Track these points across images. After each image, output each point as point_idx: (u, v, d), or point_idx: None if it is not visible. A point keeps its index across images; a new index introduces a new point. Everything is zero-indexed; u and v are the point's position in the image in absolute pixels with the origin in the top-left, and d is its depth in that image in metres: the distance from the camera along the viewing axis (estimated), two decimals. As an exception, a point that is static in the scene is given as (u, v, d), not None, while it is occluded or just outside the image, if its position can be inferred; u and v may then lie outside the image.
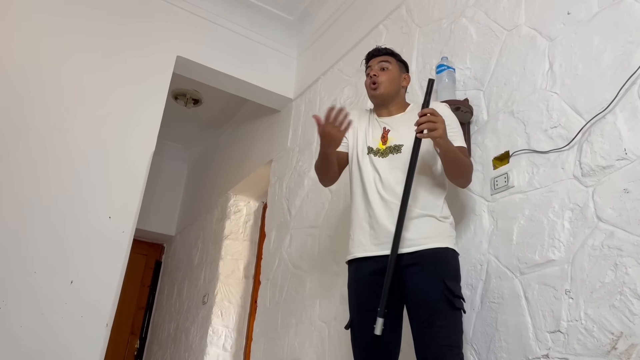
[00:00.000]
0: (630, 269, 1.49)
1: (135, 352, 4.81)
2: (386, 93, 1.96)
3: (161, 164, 4.99)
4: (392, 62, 2.01)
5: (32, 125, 2.76)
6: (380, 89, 1.95)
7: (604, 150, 1.66)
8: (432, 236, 1.73)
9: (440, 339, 1.60)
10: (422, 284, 1.67)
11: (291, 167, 3.48)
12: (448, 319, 1.63)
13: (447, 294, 1.63)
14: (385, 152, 1.87)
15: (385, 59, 2.00)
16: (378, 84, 1.95)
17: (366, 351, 1.75)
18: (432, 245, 1.71)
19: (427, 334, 1.61)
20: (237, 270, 4.05)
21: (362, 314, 1.75)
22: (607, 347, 1.48)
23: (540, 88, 1.94)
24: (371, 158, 1.88)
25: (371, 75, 1.97)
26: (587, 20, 1.86)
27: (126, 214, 2.85)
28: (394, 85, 1.98)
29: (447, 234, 1.77)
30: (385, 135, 1.91)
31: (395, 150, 1.85)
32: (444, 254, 1.71)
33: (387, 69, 1.98)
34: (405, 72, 2.07)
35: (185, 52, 3.34)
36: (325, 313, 2.69)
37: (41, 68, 2.87)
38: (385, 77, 1.96)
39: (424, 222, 1.75)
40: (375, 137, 1.93)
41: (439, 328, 1.60)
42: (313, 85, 3.52)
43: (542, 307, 1.69)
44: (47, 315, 2.52)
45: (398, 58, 2.06)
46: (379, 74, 1.97)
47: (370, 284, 1.75)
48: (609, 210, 1.59)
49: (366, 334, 1.72)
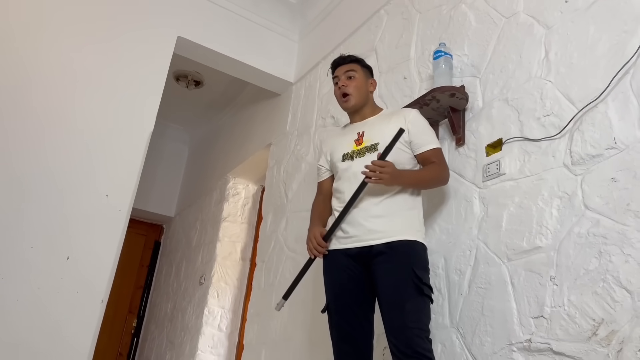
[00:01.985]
0: (614, 257, 1.50)
1: (132, 330, 4.87)
2: (357, 103, 2.06)
3: (162, 146, 5.01)
4: (358, 69, 2.09)
5: (31, 103, 2.77)
6: (351, 100, 2.05)
7: (594, 139, 1.67)
8: (402, 229, 1.83)
9: (410, 321, 1.68)
10: (392, 269, 1.76)
11: (289, 151, 3.49)
12: (417, 304, 1.72)
13: (416, 280, 1.73)
14: (361, 151, 1.96)
15: (351, 68, 2.09)
16: (348, 95, 2.04)
17: (342, 333, 1.85)
18: (402, 237, 1.80)
19: (398, 317, 1.69)
20: (234, 252, 4.09)
21: (338, 297, 1.87)
22: (588, 333, 1.50)
23: (535, 76, 1.94)
24: (348, 163, 1.98)
25: (340, 87, 2.06)
26: (585, 9, 1.85)
27: (123, 193, 2.87)
28: (362, 93, 2.07)
29: (417, 229, 1.87)
30: (360, 138, 2.01)
31: (372, 149, 1.94)
32: (413, 245, 1.81)
33: (354, 77, 2.06)
34: (371, 76, 2.15)
35: (187, 33, 3.34)
36: (317, 295, 2.72)
37: (40, 47, 2.88)
38: (353, 86, 2.05)
39: (396, 213, 1.85)
40: (349, 142, 2.03)
41: (408, 312, 1.70)
42: (313, 70, 3.52)
43: (527, 293, 1.70)
44: (43, 290, 2.55)
45: (362, 64, 2.14)
46: (347, 83, 2.05)
47: (346, 269, 1.86)
48: (596, 199, 1.60)
49: (342, 317, 1.85)
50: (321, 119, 3.24)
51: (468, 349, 1.83)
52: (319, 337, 2.61)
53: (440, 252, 2.06)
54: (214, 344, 3.81)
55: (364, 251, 1.83)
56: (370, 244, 1.82)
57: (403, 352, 1.65)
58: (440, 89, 2.12)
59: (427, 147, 1.93)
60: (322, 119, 3.23)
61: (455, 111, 2.16)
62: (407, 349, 1.65)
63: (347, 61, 2.10)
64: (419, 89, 2.47)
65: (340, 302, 1.86)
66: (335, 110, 3.08)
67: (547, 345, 1.59)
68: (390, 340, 1.70)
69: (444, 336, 1.93)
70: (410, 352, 1.64)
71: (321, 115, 3.26)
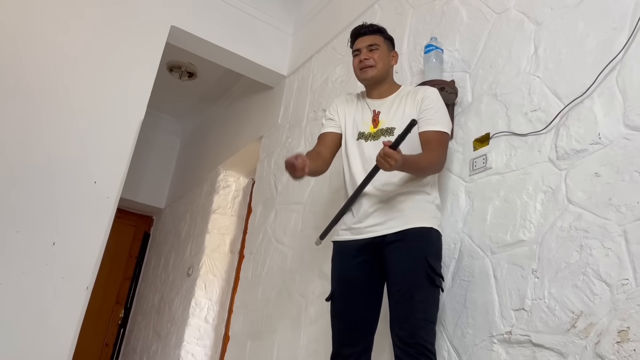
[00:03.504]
0: (595, 251, 1.51)
1: (119, 321, 4.86)
2: (379, 75, 1.93)
3: (154, 138, 5.00)
4: (380, 42, 1.96)
5: (21, 88, 2.75)
6: (372, 71, 1.91)
7: (579, 135, 1.68)
8: (418, 216, 1.75)
9: (417, 312, 1.63)
10: (405, 258, 1.69)
11: (280, 144, 3.49)
12: (427, 295, 1.66)
13: (429, 270, 1.66)
14: (376, 134, 1.87)
15: (374, 41, 1.94)
16: (372, 66, 1.91)
17: (346, 323, 1.78)
18: (417, 224, 1.73)
19: (405, 307, 1.64)
20: (222, 244, 4.08)
21: (345, 287, 1.80)
22: (567, 326, 1.51)
23: (524, 72, 1.95)
24: (361, 144, 1.88)
25: (362, 60, 1.92)
26: (574, 5, 1.86)
27: (112, 180, 2.86)
28: (385, 66, 1.95)
29: (432, 215, 1.79)
30: (377, 118, 1.90)
31: (388, 133, 1.84)
32: (427, 233, 1.74)
33: (377, 49, 1.93)
34: (393, 49, 2.03)
35: (180, 23, 3.33)
36: (303, 287, 2.72)
37: (33, 31, 2.86)
38: (377, 57, 1.92)
39: (410, 200, 1.78)
40: (366, 120, 1.92)
41: (417, 302, 1.63)
42: (307, 63, 3.52)
43: (509, 286, 1.71)
44: (28, 275, 2.54)
45: (385, 35, 2.01)
46: (369, 55, 1.92)
47: (354, 258, 1.80)
48: (579, 193, 1.61)
49: (346, 306, 1.78)
50: (313, 112, 3.25)
51: (449, 341, 1.84)
52: (304, 329, 2.61)
53: (426, 245, 2.06)
54: (200, 336, 3.80)
55: (376, 241, 1.76)
56: (383, 233, 1.75)
57: (405, 342, 1.60)
58: (430, 83, 2.12)
59: (431, 127, 1.80)
60: (313, 112, 3.23)
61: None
62: (410, 339, 1.59)
63: (369, 32, 1.95)
64: (409, 83, 2.47)
65: (345, 291, 1.79)
66: (327, 104, 3.08)
67: (527, 337, 1.59)
68: (394, 329, 1.64)
69: (426, 328, 1.93)
70: (413, 342, 1.59)
71: (313, 108, 3.26)
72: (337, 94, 3.00)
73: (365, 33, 1.97)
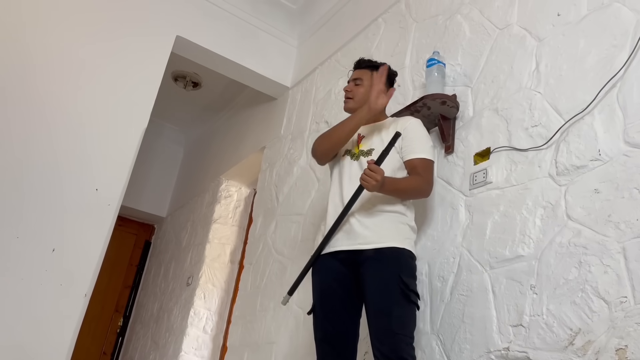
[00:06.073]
0: (593, 267, 1.50)
1: (118, 330, 4.84)
2: (355, 108, 2.03)
3: (158, 146, 5.02)
4: (367, 78, 2.06)
5: (27, 95, 2.77)
6: (350, 103, 2.06)
7: (579, 151, 1.68)
8: (392, 236, 1.82)
9: (396, 327, 1.68)
10: (380, 275, 1.76)
11: (282, 155, 3.50)
12: (403, 311, 1.72)
13: (403, 287, 1.72)
14: (358, 155, 1.98)
15: (360, 76, 2.07)
16: (351, 98, 2.06)
17: (326, 335, 1.84)
18: (391, 244, 1.80)
19: (384, 322, 1.69)
20: (223, 254, 4.07)
21: (325, 299, 1.86)
22: (565, 343, 1.50)
23: (525, 87, 1.96)
24: (348, 160, 1.99)
25: (345, 90, 2.08)
26: (576, 22, 1.87)
27: (113, 188, 2.86)
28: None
29: (405, 236, 1.86)
30: (359, 141, 2.02)
31: (367, 154, 1.95)
32: (400, 253, 1.80)
33: (361, 84, 2.06)
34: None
35: (186, 33, 3.36)
36: (302, 299, 2.71)
37: (38, 39, 2.89)
38: (357, 92, 2.06)
39: (386, 220, 1.84)
40: (353, 140, 2.04)
41: (394, 317, 1.69)
42: (310, 75, 3.54)
43: (507, 301, 1.70)
44: (27, 281, 2.54)
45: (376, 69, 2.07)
46: (353, 89, 2.06)
47: (333, 271, 1.86)
48: (579, 209, 1.61)
49: (328, 319, 1.84)
50: (315, 123, 3.26)
51: (447, 356, 1.82)
52: (301, 341, 2.60)
53: (425, 259, 2.06)
54: (198, 346, 3.78)
55: (352, 255, 1.82)
56: (360, 248, 1.81)
57: (388, 357, 1.64)
58: (431, 96, 2.14)
59: (416, 155, 1.89)
60: (316, 124, 3.24)
61: (445, 119, 2.17)
62: (392, 354, 1.64)
63: (360, 67, 2.11)
64: (412, 97, 2.48)
65: (326, 304, 1.86)
66: (329, 116, 3.10)
67: (525, 354, 1.58)
68: (375, 345, 1.69)
69: (424, 342, 1.92)
70: (395, 358, 1.63)
71: (315, 120, 3.27)
72: (339, 106, 3.00)
73: (357, 67, 2.13)
